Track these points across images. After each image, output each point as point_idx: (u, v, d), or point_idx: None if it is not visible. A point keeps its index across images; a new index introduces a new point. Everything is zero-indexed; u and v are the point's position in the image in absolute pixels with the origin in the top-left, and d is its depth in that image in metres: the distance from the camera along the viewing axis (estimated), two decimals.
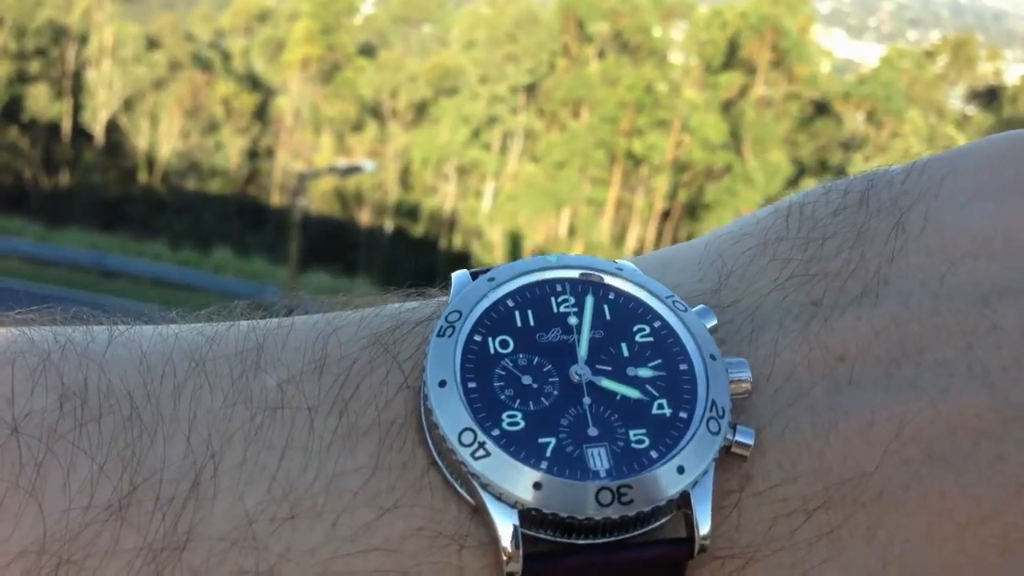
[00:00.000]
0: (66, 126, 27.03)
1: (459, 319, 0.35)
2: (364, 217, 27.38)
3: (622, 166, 24.76)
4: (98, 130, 26.86)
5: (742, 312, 0.37)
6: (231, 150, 27.27)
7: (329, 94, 27.38)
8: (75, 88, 26.96)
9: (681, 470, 0.32)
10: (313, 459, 0.33)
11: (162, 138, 26.89)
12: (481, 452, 0.32)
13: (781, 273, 0.38)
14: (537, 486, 0.32)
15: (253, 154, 28.07)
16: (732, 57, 25.60)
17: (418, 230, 27.66)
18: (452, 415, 0.33)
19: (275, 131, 27.88)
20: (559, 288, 0.37)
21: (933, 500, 0.32)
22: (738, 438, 0.33)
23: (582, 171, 24.68)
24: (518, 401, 0.34)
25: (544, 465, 0.32)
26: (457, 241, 27.03)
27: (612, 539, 0.32)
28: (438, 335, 0.35)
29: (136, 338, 0.36)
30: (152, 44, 27.43)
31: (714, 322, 0.36)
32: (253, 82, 28.73)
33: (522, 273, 0.37)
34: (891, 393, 0.33)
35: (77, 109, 27.00)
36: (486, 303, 0.36)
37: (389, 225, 27.69)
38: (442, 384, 0.33)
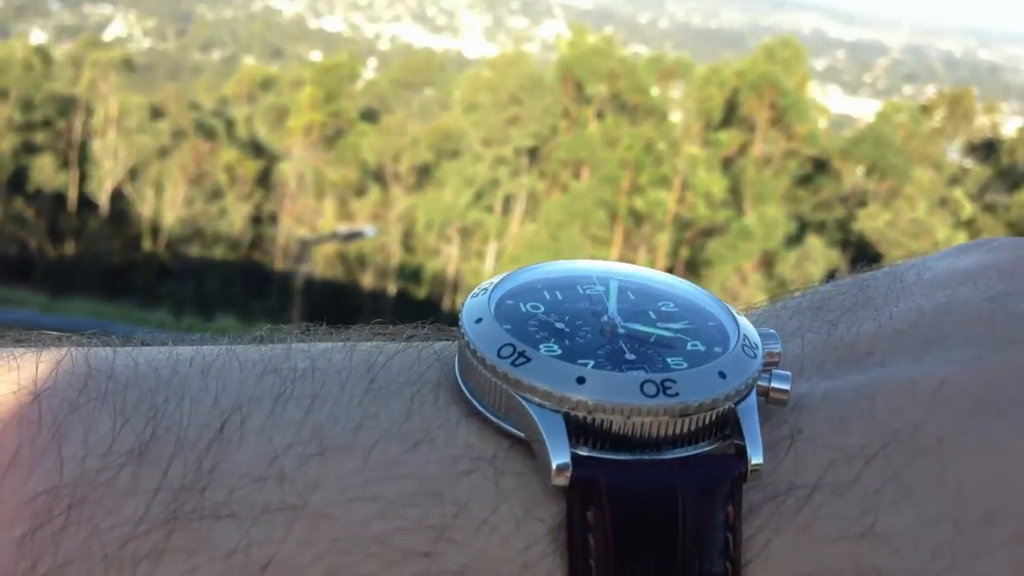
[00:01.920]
0: (71, 196, 27.23)
1: (490, 287, 0.36)
2: (367, 280, 27.43)
3: (623, 225, 24.85)
4: (103, 199, 27.04)
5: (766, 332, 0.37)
6: (235, 216, 27.42)
7: (332, 159, 27.61)
8: (81, 158, 27.21)
9: (723, 375, 0.32)
10: (343, 409, 0.33)
11: (166, 206, 27.06)
12: (521, 360, 0.32)
13: (795, 313, 0.40)
14: (581, 380, 0.31)
15: (257, 220, 28.22)
16: (731, 115, 25.84)
17: (421, 292, 27.67)
18: (490, 338, 0.33)
19: (278, 197, 28.06)
20: (583, 278, 0.38)
21: (994, 442, 0.32)
22: (775, 384, 0.33)
23: (584, 231, 24.75)
24: (553, 338, 0.34)
25: (586, 364, 0.32)
26: (460, 303, 26.94)
27: (660, 455, 0.31)
28: (470, 298, 0.36)
29: (163, 344, 0.37)
30: (157, 113, 27.76)
31: (743, 317, 0.37)
32: (256, 149, 29.00)
33: (550, 267, 0.38)
34: (926, 366, 0.34)
35: (82, 179, 27.22)
36: (515, 280, 0.37)
37: (392, 288, 27.72)
38: (478, 321, 0.34)
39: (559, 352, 0.33)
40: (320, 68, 28.70)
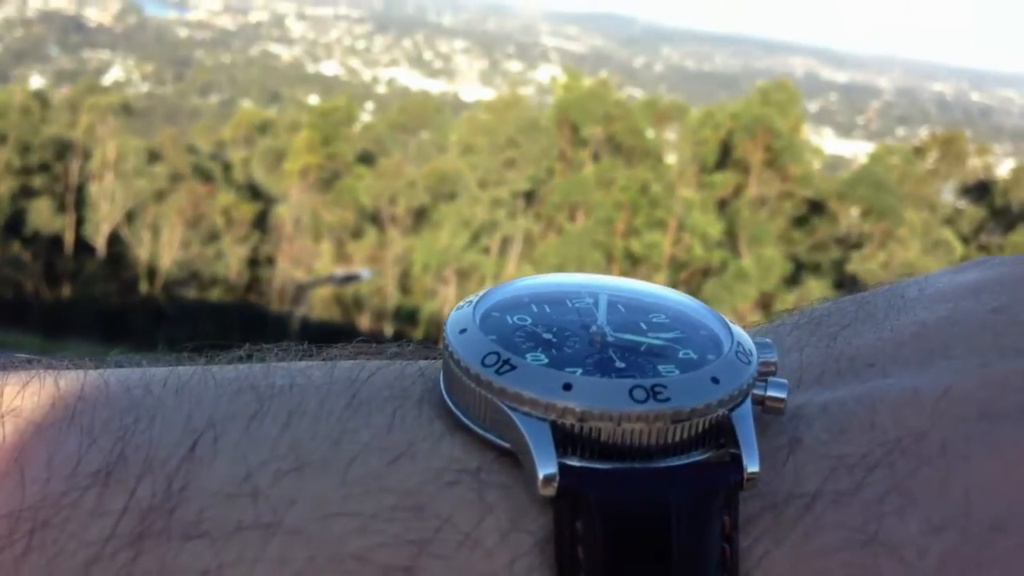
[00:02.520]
0: (68, 239, 27.23)
1: (476, 299, 0.35)
2: (364, 322, 27.37)
3: (620, 266, 24.87)
4: (100, 242, 27.05)
5: (762, 341, 0.37)
6: (231, 259, 27.43)
7: (328, 201, 27.67)
8: (78, 202, 27.26)
9: (715, 380, 0.31)
10: (321, 424, 0.32)
11: (163, 248, 27.07)
12: (506, 367, 0.31)
13: (794, 328, 0.39)
14: (567, 387, 0.30)
15: (253, 262, 28.22)
16: (726, 157, 25.97)
17: (418, 334, 27.63)
18: (474, 347, 0.32)
19: (275, 239, 28.08)
20: (572, 292, 0.37)
21: (999, 449, 0.31)
22: (771, 392, 0.32)
23: (580, 272, 24.73)
24: (540, 348, 0.33)
25: (573, 371, 0.31)
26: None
27: (652, 464, 0.30)
28: (455, 311, 0.34)
29: (137, 366, 0.36)
30: (154, 157, 27.85)
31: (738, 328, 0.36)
32: (254, 192, 29.07)
33: (539, 281, 0.38)
34: (929, 374, 0.34)
35: (79, 222, 27.25)
36: (501, 294, 0.36)
37: (389, 330, 27.67)
38: (463, 331, 0.33)
39: (546, 361, 0.32)
40: (317, 112, 28.86)
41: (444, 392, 0.33)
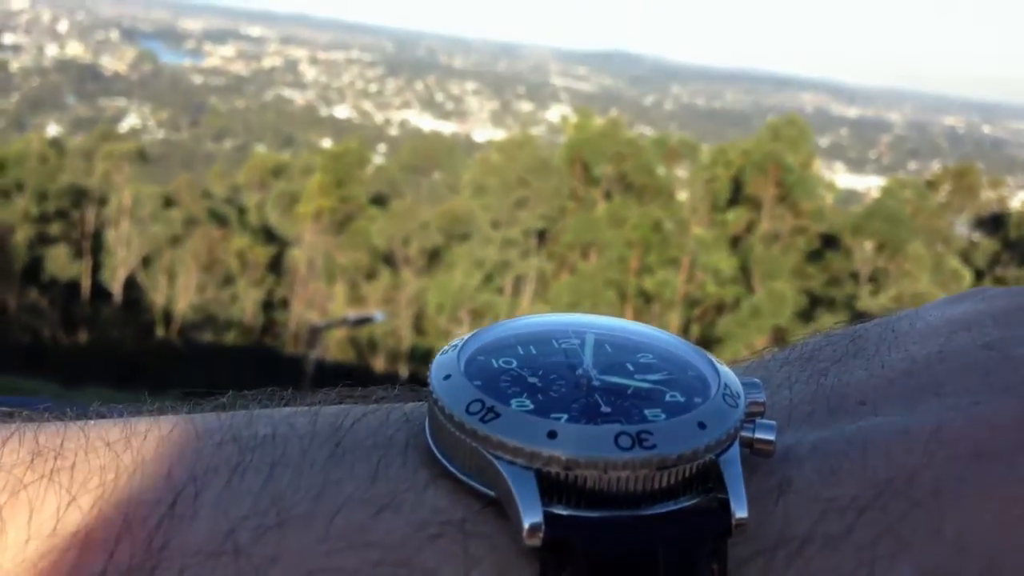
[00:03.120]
0: (85, 285, 27.44)
1: (461, 343, 0.35)
2: (379, 363, 27.40)
3: (633, 304, 24.86)
4: (116, 288, 27.24)
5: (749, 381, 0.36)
6: (246, 302, 27.56)
7: (342, 244, 27.82)
8: (94, 248, 27.50)
9: (702, 425, 0.31)
10: (304, 476, 0.31)
11: (179, 293, 27.23)
12: (491, 415, 0.30)
13: (784, 364, 0.39)
14: (552, 435, 0.30)
15: (268, 305, 28.34)
16: (737, 194, 26.03)
17: None
18: (459, 394, 0.32)
19: (289, 282, 28.22)
20: (559, 332, 0.37)
21: (993, 489, 0.31)
22: (759, 434, 0.32)
23: (594, 311, 24.71)
24: (525, 393, 0.32)
25: (559, 418, 0.31)
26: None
27: (640, 512, 0.30)
28: (440, 355, 0.34)
29: (119, 416, 0.36)
30: (169, 202, 28.11)
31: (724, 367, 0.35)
32: (268, 235, 29.27)
33: (525, 322, 0.37)
34: (921, 413, 0.33)
35: (96, 268, 27.47)
36: (487, 336, 0.36)
37: (404, 371, 27.66)
38: (447, 377, 0.33)
39: (531, 407, 0.31)
40: (330, 155, 29.11)
41: (429, 439, 0.32)
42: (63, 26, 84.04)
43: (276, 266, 28.58)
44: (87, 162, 28.42)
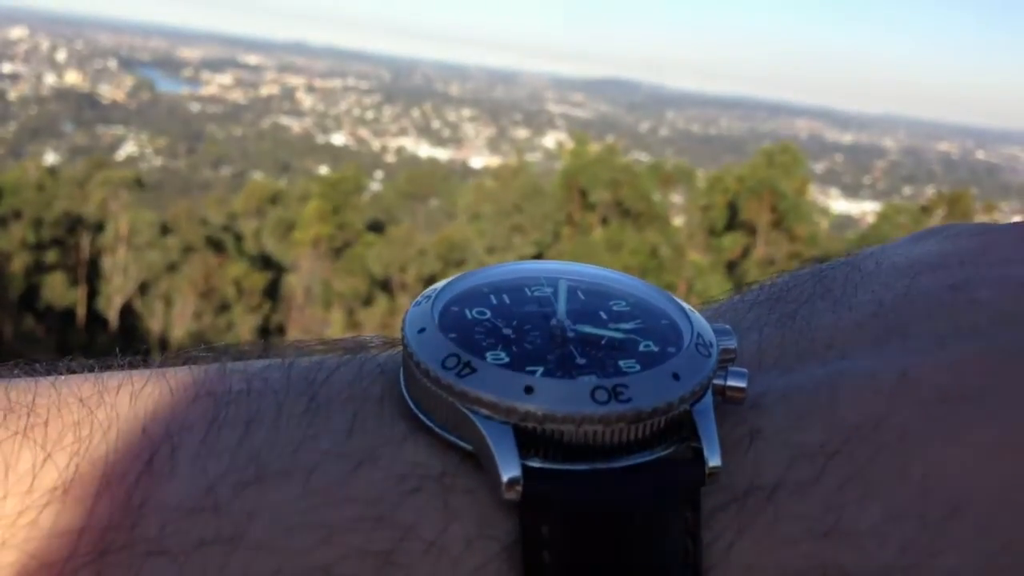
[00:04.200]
0: (80, 313, 27.42)
1: (434, 293, 0.35)
2: None
3: None
4: (112, 315, 27.23)
5: (718, 331, 0.36)
6: (242, 328, 27.52)
7: (339, 270, 27.85)
8: (90, 275, 27.51)
9: (676, 376, 0.31)
10: (280, 431, 0.31)
11: (175, 320, 27.21)
12: (467, 370, 0.30)
13: (752, 306, 0.39)
14: (528, 390, 0.30)
15: (264, 331, 28.31)
16: (733, 219, 26.12)
17: None
18: (434, 348, 0.31)
19: (286, 308, 28.22)
20: (531, 282, 0.36)
21: (960, 432, 0.31)
22: (731, 381, 0.32)
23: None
24: (500, 346, 0.32)
25: (534, 372, 0.31)
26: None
27: (617, 464, 0.30)
28: (413, 307, 0.34)
29: (90, 371, 0.35)
30: (166, 230, 28.15)
31: (696, 313, 0.36)
32: (264, 261, 29.30)
33: (497, 269, 0.37)
34: (887, 356, 0.34)
35: (92, 296, 27.46)
36: (460, 286, 0.36)
37: None
38: (421, 331, 0.32)
39: (506, 360, 0.31)
40: (327, 182, 29.20)
41: (404, 392, 0.32)
42: (61, 55, 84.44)
43: (272, 293, 28.59)
44: (84, 189, 28.47)
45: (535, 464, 0.29)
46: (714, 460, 0.30)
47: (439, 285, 0.35)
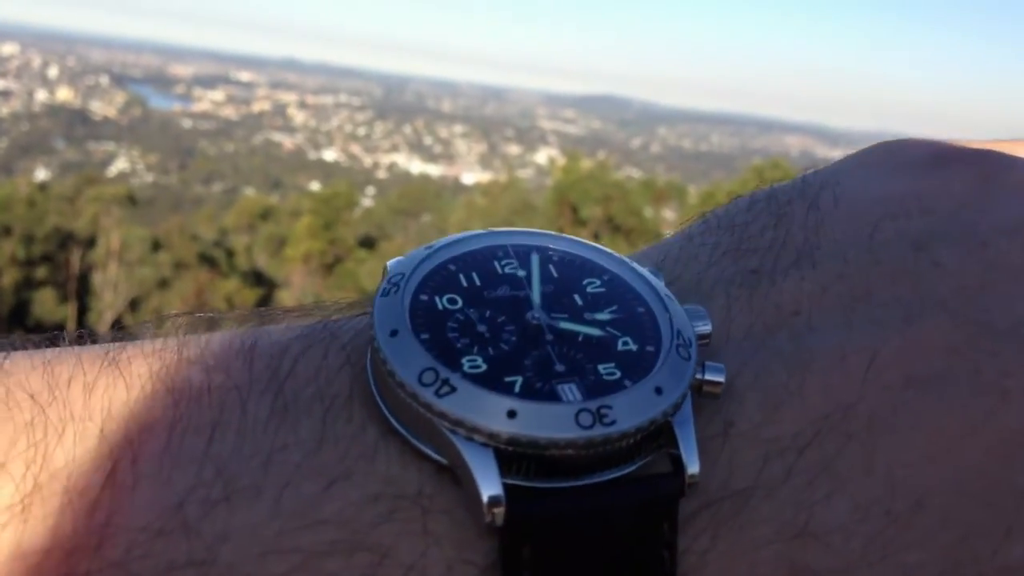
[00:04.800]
0: (71, 329, 27.21)
1: (402, 279, 0.33)
2: None
3: None
4: (103, 331, 27.10)
5: (685, 286, 0.36)
6: None
7: (330, 286, 27.80)
8: (80, 291, 27.42)
9: (659, 391, 0.31)
10: (247, 437, 0.30)
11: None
12: (446, 389, 0.29)
13: (713, 253, 0.38)
14: (512, 414, 0.29)
15: None
16: None
17: None
18: (409, 359, 0.30)
19: None
20: (500, 253, 0.35)
21: (923, 420, 0.31)
22: (708, 376, 0.32)
23: None
24: (476, 347, 0.31)
25: (517, 391, 0.30)
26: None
27: (597, 480, 0.30)
28: (382, 296, 0.32)
29: (39, 351, 0.33)
30: (158, 246, 28.11)
31: (663, 281, 0.35)
32: (256, 277, 29.27)
33: (462, 239, 0.36)
34: (855, 330, 0.33)
35: (82, 312, 27.35)
36: (428, 266, 0.34)
37: None
38: (393, 333, 0.31)
39: (483, 369, 0.30)
40: (318, 198, 29.22)
41: (376, 394, 0.31)
42: (53, 71, 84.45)
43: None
44: (75, 205, 28.43)
45: (515, 482, 0.29)
46: (693, 468, 0.30)
47: (405, 264, 0.34)
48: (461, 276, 0.34)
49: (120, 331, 0.36)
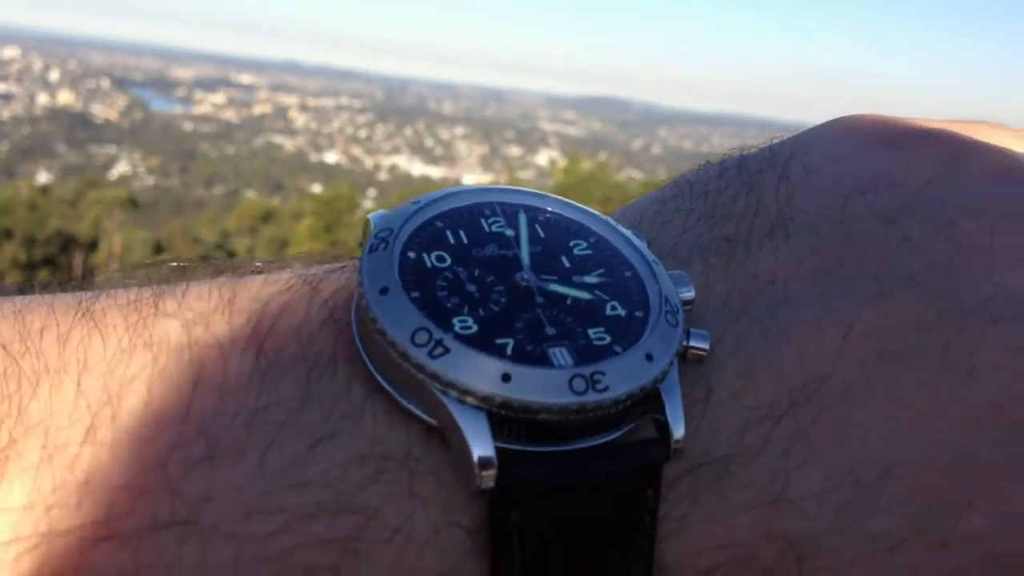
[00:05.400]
0: None
1: (390, 235, 0.33)
2: None
3: None
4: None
5: (662, 250, 0.36)
6: None
7: None
8: None
9: (649, 358, 0.31)
10: (229, 396, 0.29)
11: None
12: (439, 350, 0.29)
13: (688, 219, 0.38)
14: (506, 378, 0.29)
15: None
16: None
17: None
18: (401, 319, 0.30)
19: None
20: (487, 211, 0.35)
21: (894, 393, 0.32)
22: (693, 342, 0.32)
23: None
24: (466, 308, 0.31)
25: (509, 354, 0.30)
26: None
27: (586, 444, 0.30)
28: (370, 252, 0.32)
29: (8, 298, 0.32)
30: (160, 248, 28.14)
31: (645, 242, 0.36)
32: None
33: (449, 195, 0.35)
34: (830, 301, 0.34)
35: None
36: (416, 221, 0.34)
37: None
38: (383, 291, 0.30)
39: (475, 330, 0.30)
40: (320, 200, 29.28)
41: (362, 352, 0.31)
42: (54, 75, 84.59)
43: None
44: (77, 209, 28.48)
45: (504, 445, 0.29)
46: (679, 435, 0.30)
47: (392, 219, 0.34)
48: (448, 233, 0.34)
49: (88, 281, 0.35)
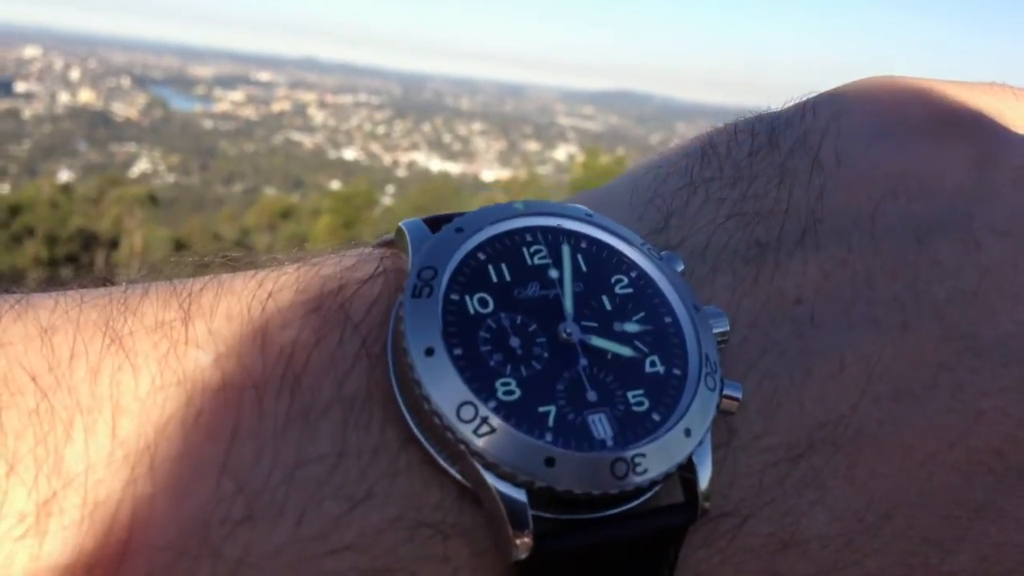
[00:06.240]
0: None
1: (434, 276, 0.31)
2: None
3: None
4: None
5: (692, 253, 0.36)
6: None
7: None
8: None
9: (688, 432, 0.31)
10: (267, 446, 0.28)
11: None
12: (485, 428, 0.29)
13: (718, 213, 0.37)
14: (550, 462, 0.29)
15: None
16: None
17: None
18: (446, 388, 0.29)
19: None
20: (529, 238, 0.34)
21: (904, 434, 0.32)
22: (727, 392, 0.32)
23: None
24: (509, 367, 0.31)
25: (550, 437, 0.29)
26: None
27: (618, 511, 0.30)
28: (413, 296, 0.31)
29: (32, 308, 0.30)
30: (180, 245, 28.33)
31: (682, 267, 0.35)
32: None
33: (491, 222, 0.34)
34: (855, 331, 0.34)
35: None
36: (459, 256, 0.33)
37: None
38: (429, 352, 0.30)
39: (517, 396, 0.30)
40: (339, 196, 29.38)
41: (398, 395, 0.30)
42: (75, 74, 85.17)
43: None
44: (97, 207, 28.70)
45: (541, 514, 0.29)
46: (708, 503, 0.31)
47: (433, 250, 0.32)
48: (491, 268, 0.33)
49: (107, 281, 0.34)
